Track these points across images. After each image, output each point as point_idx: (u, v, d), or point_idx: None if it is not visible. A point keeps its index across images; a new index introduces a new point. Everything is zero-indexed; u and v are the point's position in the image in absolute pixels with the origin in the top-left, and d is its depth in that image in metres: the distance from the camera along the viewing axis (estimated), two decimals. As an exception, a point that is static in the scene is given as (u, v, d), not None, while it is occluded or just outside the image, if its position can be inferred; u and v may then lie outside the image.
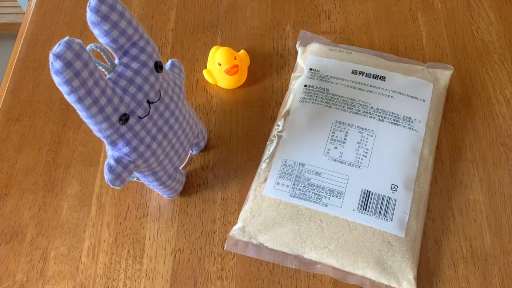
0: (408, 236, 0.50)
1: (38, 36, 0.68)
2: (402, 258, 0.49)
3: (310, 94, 0.58)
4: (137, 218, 0.54)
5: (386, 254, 0.49)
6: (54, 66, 0.37)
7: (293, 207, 0.51)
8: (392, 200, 0.51)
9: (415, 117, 0.56)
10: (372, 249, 0.49)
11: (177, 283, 0.51)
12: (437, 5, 0.67)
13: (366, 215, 0.50)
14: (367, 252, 0.49)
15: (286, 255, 0.51)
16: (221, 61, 0.59)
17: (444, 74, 0.59)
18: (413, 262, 0.49)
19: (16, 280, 0.52)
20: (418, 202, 0.52)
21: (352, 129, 0.55)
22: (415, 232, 0.50)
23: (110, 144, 0.45)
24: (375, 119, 0.55)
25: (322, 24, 0.66)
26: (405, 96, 0.57)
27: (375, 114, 0.56)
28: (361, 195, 0.51)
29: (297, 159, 0.54)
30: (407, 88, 0.58)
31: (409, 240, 0.50)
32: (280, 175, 0.53)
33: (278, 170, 0.53)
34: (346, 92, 0.58)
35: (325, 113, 0.56)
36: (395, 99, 0.57)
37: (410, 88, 0.58)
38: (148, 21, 0.68)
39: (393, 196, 0.51)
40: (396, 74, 0.59)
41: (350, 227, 0.50)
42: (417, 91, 0.58)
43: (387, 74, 0.59)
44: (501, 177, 0.55)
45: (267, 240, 0.51)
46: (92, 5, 0.40)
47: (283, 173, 0.53)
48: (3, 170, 0.58)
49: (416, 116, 0.56)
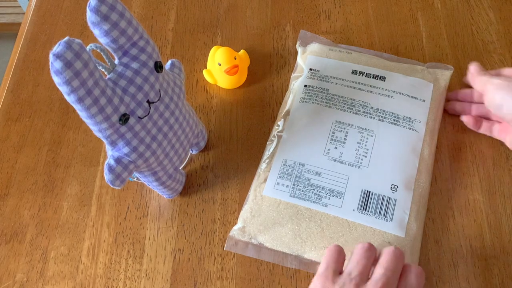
0: (408, 236, 0.50)
1: (38, 36, 0.68)
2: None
3: (310, 94, 0.58)
4: (137, 218, 0.54)
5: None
6: (54, 66, 0.37)
7: (293, 207, 0.51)
8: (392, 200, 0.51)
9: (415, 117, 0.56)
10: None
11: (177, 283, 0.51)
12: (437, 5, 0.67)
13: (366, 215, 0.50)
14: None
15: (286, 255, 0.51)
16: (221, 61, 0.59)
17: (444, 74, 0.59)
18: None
19: (16, 280, 0.52)
20: (418, 202, 0.52)
21: (352, 129, 0.55)
22: (415, 232, 0.50)
23: (110, 144, 0.45)
24: (375, 119, 0.56)
25: (322, 24, 0.66)
26: (405, 96, 0.57)
27: (375, 114, 0.56)
28: (361, 195, 0.51)
29: (297, 159, 0.54)
30: (407, 88, 0.58)
31: (409, 240, 0.49)
32: (280, 175, 0.53)
33: (278, 170, 0.53)
34: (346, 92, 0.58)
35: (325, 113, 0.56)
36: (395, 99, 0.57)
37: (410, 88, 0.58)
38: (148, 21, 0.68)
39: (393, 196, 0.51)
40: (396, 74, 0.59)
41: (350, 227, 0.50)
42: (417, 91, 0.57)
43: (387, 74, 0.59)
44: (501, 177, 0.55)
45: (267, 240, 0.51)
46: (92, 5, 0.40)
47: (283, 173, 0.53)
48: (3, 170, 0.58)
49: (416, 116, 0.56)
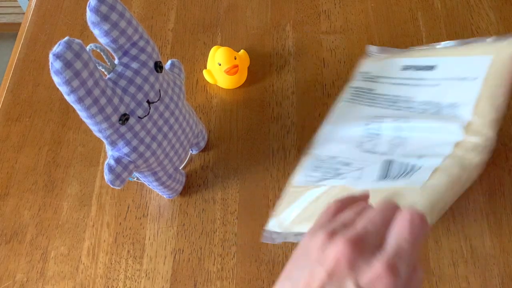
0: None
1: (38, 36, 0.68)
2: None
3: (353, 95, 0.58)
4: (137, 218, 0.54)
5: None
6: (54, 66, 0.37)
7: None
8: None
9: (462, 101, 0.50)
10: None
11: (177, 283, 0.51)
12: (437, 5, 0.67)
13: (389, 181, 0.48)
14: None
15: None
16: (221, 61, 0.59)
17: (510, 43, 0.50)
18: None
19: (16, 280, 0.52)
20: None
21: (387, 124, 0.53)
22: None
23: (110, 144, 0.45)
24: (416, 112, 0.52)
25: (322, 24, 0.66)
26: (452, 81, 0.52)
27: (416, 108, 0.53)
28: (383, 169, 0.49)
29: (327, 153, 0.54)
30: (458, 71, 0.52)
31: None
32: (313, 168, 0.53)
33: (311, 163, 0.53)
34: (392, 89, 0.56)
35: (363, 112, 0.56)
36: (442, 86, 0.53)
37: (461, 70, 0.52)
38: (148, 21, 0.68)
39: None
40: (450, 59, 0.54)
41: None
42: (470, 70, 0.51)
43: (439, 61, 0.55)
44: (501, 177, 0.54)
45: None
46: (92, 5, 0.40)
47: (315, 166, 0.53)
48: (3, 170, 0.58)
49: (462, 100, 0.50)
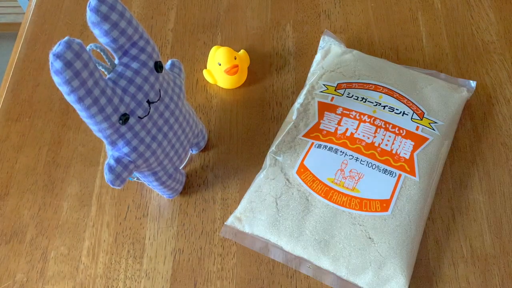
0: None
1: (38, 36, 0.68)
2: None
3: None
4: (137, 218, 0.54)
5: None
6: (54, 66, 0.37)
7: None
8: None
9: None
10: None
11: (177, 283, 0.51)
12: (437, 5, 0.67)
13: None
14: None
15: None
16: (221, 61, 0.59)
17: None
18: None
19: (16, 280, 0.52)
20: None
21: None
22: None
23: (110, 144, 0.45)
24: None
25: (322, 24, 0.66)
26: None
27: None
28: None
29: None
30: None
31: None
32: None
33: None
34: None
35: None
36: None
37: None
38: (148, 21, 0.68)
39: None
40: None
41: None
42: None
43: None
44: (501, 177, 0.55)
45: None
46: (92, 5, 0.40)
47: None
48: (3, 170, 0.58)
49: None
